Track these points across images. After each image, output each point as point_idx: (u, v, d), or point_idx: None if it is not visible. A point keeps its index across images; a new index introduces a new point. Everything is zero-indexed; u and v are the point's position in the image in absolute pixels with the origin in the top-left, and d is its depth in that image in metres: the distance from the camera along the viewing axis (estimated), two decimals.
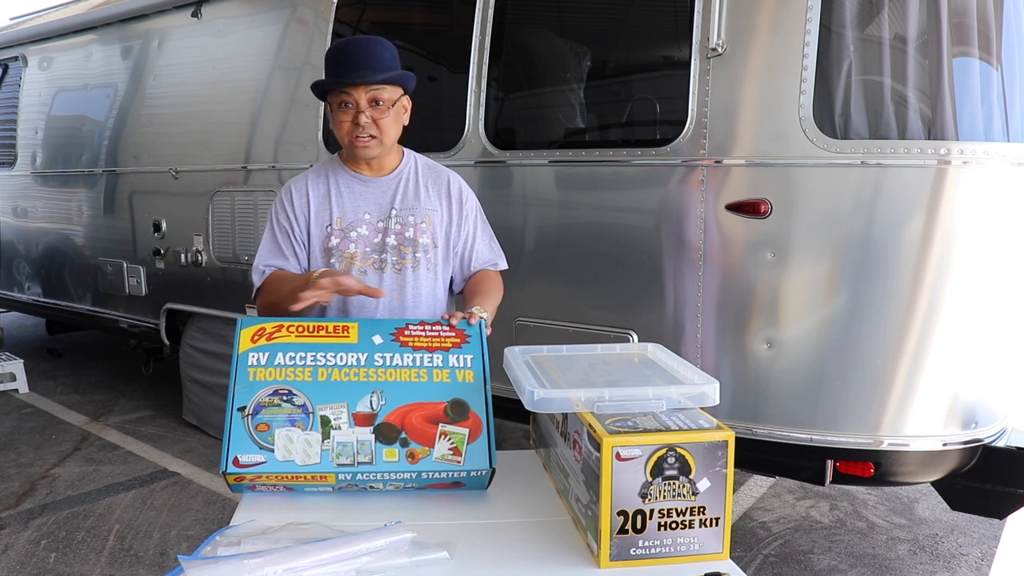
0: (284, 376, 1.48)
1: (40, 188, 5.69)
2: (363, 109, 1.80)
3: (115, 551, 3.12)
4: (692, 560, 1.21)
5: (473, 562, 1.23)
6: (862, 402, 2.41)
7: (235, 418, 1.44)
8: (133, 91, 4.83)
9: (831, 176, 2.38)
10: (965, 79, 2.33)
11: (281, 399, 1.46)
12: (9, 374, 5.51)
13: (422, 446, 1.44)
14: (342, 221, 1.89)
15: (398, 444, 1.44)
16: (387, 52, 1.84)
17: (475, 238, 2.00)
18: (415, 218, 1.90)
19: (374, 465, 1.43)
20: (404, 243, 1.89)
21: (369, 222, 1.90)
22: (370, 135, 1.82)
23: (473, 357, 1.57)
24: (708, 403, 1.33)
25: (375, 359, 1.52)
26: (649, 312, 2.73)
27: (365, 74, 1.78)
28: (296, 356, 1.51)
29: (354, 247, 1.88)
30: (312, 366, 1.50)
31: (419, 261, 1.90)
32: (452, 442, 1.45)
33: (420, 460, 1.44)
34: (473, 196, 2.02)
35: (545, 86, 3.16)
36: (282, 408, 1.45)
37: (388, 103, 1.83)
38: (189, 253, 4.37)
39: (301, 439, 1.42)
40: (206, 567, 1.10)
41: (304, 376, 1.48)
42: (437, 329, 1.62)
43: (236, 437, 1.43)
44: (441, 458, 1.44)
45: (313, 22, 3.74)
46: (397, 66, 1.85)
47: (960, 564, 3.07)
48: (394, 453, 1.43)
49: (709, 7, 2.52)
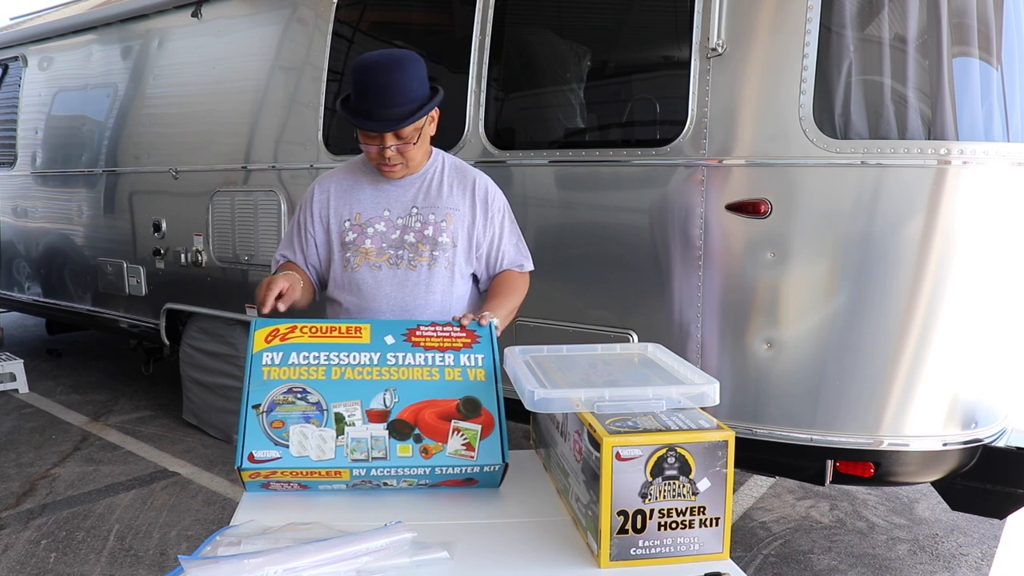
0: (298, 375, 1.50)
1: (40, 188, 5.69)
2: (389, 143, 1.80)
3: (115, 551, 3.12)
4: (692, 560, 1.21)
5: (473, 562, 1.23)
6: (862, 402, 2.41)
7: (250, 415, 1.45)
8: (133, 91, 4.83)
9: (831, 176, 2.38)
10: (965, 79, 2.33)
11: (296, 397, 1.47)
12: (9, 374, 5.51)
13: (435, 442, 1.45)
14: (361, 217, 1.92)
15: (412, 440, 1.45)
16: (414, 81, 1.77)
17: (501, 239, 2.00)
18: (435, 216, 1.91)
19: (388, 460, 1.43)
20: (422, 241, 1.90)
21: (388, 219, 1.92)
22: (397, 163, 1.85)
23: (484, 356, 1.59)
24: (708, 403, 1.33)
25: (388, 358, 1.55)
26: (649, 312, 2.73)
27: (390, 119, 1.75)
28: (310, 355, 1.53)
29: (370, 243, 1.91)
30: (326, 365, 1.52)
31: (436, 259, 1.91)
32: (465, 438, 1.47)
33: (434, 455, 1.45)
34: (501, 197, 2.03)
35: (545, 86, 3.16)
36: (296, 405, 1.46)
37: (413, 137, 1.81)
38: (189, 253, 4.37)
39: (316, 435, 1.43)
40: (206, 567, 1.10)
41: (318, 375, 1.50)
42: (448, 330, 1.64)
43: (251, 434, 1.43)
44: (455, 453, 1.45)
45: (313, 22, 3.74)
46: (425, 91, 1.80)
47: (960, 564, 3.07)
48: (408, 448, 1.44)
49: (709, 7, 2.52)
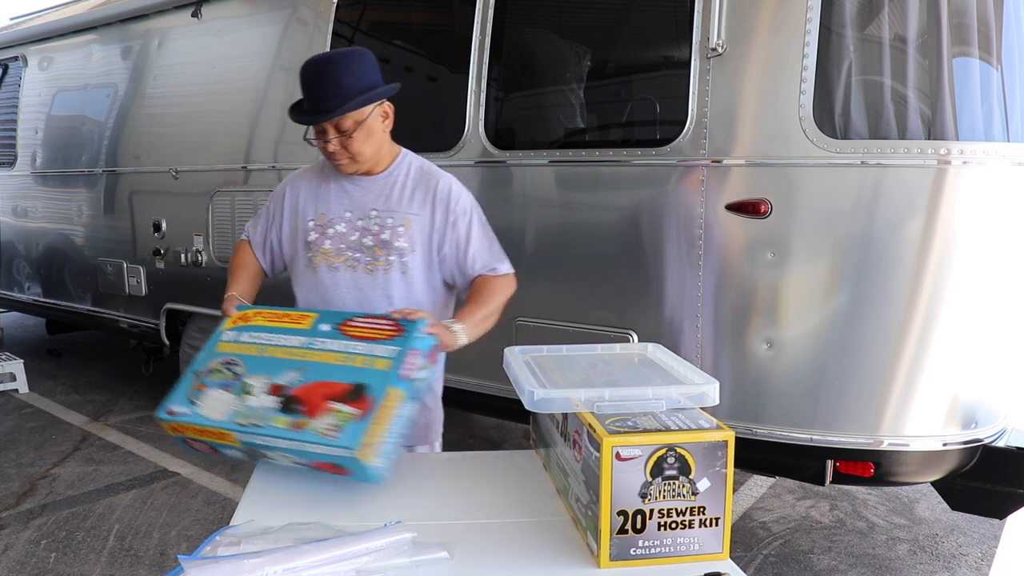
0: (238, 350, 1.66)
1: (40, 188, 5.69)
2: (331, 137, 1.82)
3: (115, 551, 3.12)
4: (692, 560, 1.21)
5: (473, 562, 1.23)
6: (862, 402, 2.41)
7: (187, 377, 1.64)
8: (133, 91, 4.83)
9: (831, 176, 2.38)
10: (965, 79, 2.33)
11: (225, 367, 1.63)
12: (9, 374, 5.51)
13: (308, 418, 1.47)
14: (324, 217, 1.93)
15: (293, 414, 1.49)
16: (347, 75, 1.79)
17: (468, 242, 1.93)
18: (393, 220, 1.89)
19: (264, 429, 1.48)
20: (379, 245, 1.88)
21: (349, 220, 1.91)
22: (343, 157, 1.85)
23: (399, 350, 1.56)
24: (708, 403, 1.33)
25: (314, 343, 1.63)
26: (649, 312, 2.73)
27: (321, 111, 1.78)
28: (256, 335, 1.69)
29: (329, 243, 1.91)
30: (262, 344, 1.66)
31: (392, 264, 1.89)
32: (337, 419, 1.45)
33: (303, 430, 1.45)
34: (467, 199, 1.96)
35: (545, 86, 3.16)
36: (223, 374, 1.62)
37: (352, 128, 1.81)
38: (189, 253, 4.37)
39: (220, 399, 1.57)
40: (206, 567, 1.10)
41: (251, 351, 1.65)
42: (382, 323, 1.65)
43: (178, 392, 1.62)
44: (319, 431, 1.44)
45: (313, 22, 3.74)
46: (365, 84, 1.80)
47: (960, 564, 3.07)
48: (283, 420, 1.48)
49: (709, 7, 2.52)
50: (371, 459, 1.42)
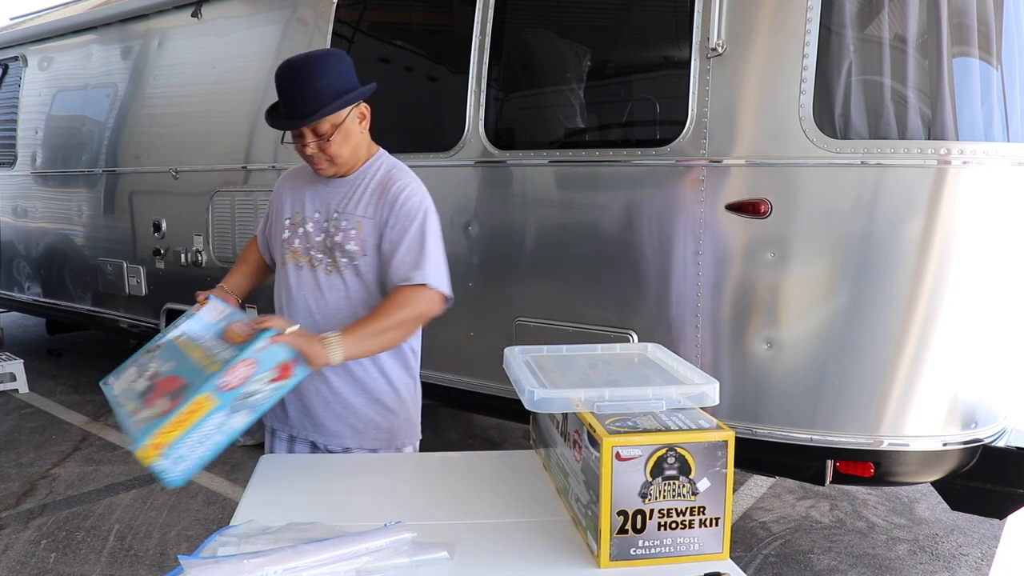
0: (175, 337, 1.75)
1: (40, 188, 5.69)
2: (308, 141, 1.81)
3: (115, 551, 3.12)
4: (692, 560, 1.21)
5: (473, 562, 1.23)
6: (862, 402, 2.41)
7: (137, 352, 1.75)
8: (133, 91, 4.83)
9: (831, 176, 2.38)
10: (965, 79, 2.33)
11: (155, 349, 1.74)
12: (9, 374, 5.51)
13: (144, 407, 1.51)
14: (297, 216, 1.94)
15: (140, 401, 1.56)
16: (323, 79, 1.76)
17: (397, 247, 1.81)
18: (347, 224, 1.87)
19: (119, 409, 1.57)
20: (334, 247, 1.88)
21: (317, 221, 1.92)
22: (322, 161, 1.85)
23: (234, 355, 1.53)
24: (708, 403, 1.33)
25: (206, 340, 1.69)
26: (649, 312, 2.73)
27: (297, 116, 1.77)
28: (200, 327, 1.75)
29: (297, 242, 1.93)
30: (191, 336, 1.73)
31: (344, 267, 1.88)
32: (152, 412, 1.47)
33: (133, 417, 1.51)
34: (418, 205, 1.84)
35: (545, 86, 3.16)
36: (148, 354, 1.73)
37: (330, 132, 1.80)
38: (189, 253, 4.37)
39: (128, 377, 1.69)
40: (206, 567, 1.10)
41: (177, 340, 1.74)
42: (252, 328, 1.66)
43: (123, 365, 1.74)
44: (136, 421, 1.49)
45: (313, 22, 3.74)
46: (341, 87, 1.78)
47: (960, 564, 3.08)
48: (131, 405, 1.56)
49: (709, 7, 2.52)
50: (152, 459, 1.39)
